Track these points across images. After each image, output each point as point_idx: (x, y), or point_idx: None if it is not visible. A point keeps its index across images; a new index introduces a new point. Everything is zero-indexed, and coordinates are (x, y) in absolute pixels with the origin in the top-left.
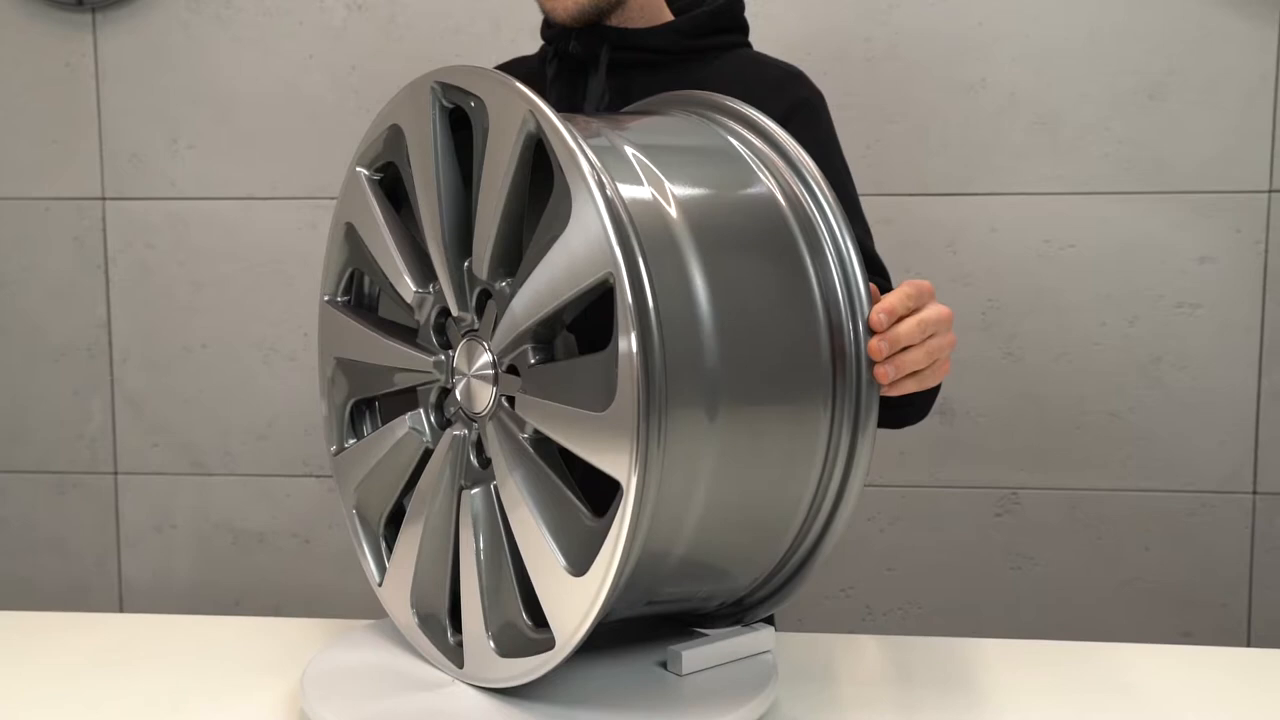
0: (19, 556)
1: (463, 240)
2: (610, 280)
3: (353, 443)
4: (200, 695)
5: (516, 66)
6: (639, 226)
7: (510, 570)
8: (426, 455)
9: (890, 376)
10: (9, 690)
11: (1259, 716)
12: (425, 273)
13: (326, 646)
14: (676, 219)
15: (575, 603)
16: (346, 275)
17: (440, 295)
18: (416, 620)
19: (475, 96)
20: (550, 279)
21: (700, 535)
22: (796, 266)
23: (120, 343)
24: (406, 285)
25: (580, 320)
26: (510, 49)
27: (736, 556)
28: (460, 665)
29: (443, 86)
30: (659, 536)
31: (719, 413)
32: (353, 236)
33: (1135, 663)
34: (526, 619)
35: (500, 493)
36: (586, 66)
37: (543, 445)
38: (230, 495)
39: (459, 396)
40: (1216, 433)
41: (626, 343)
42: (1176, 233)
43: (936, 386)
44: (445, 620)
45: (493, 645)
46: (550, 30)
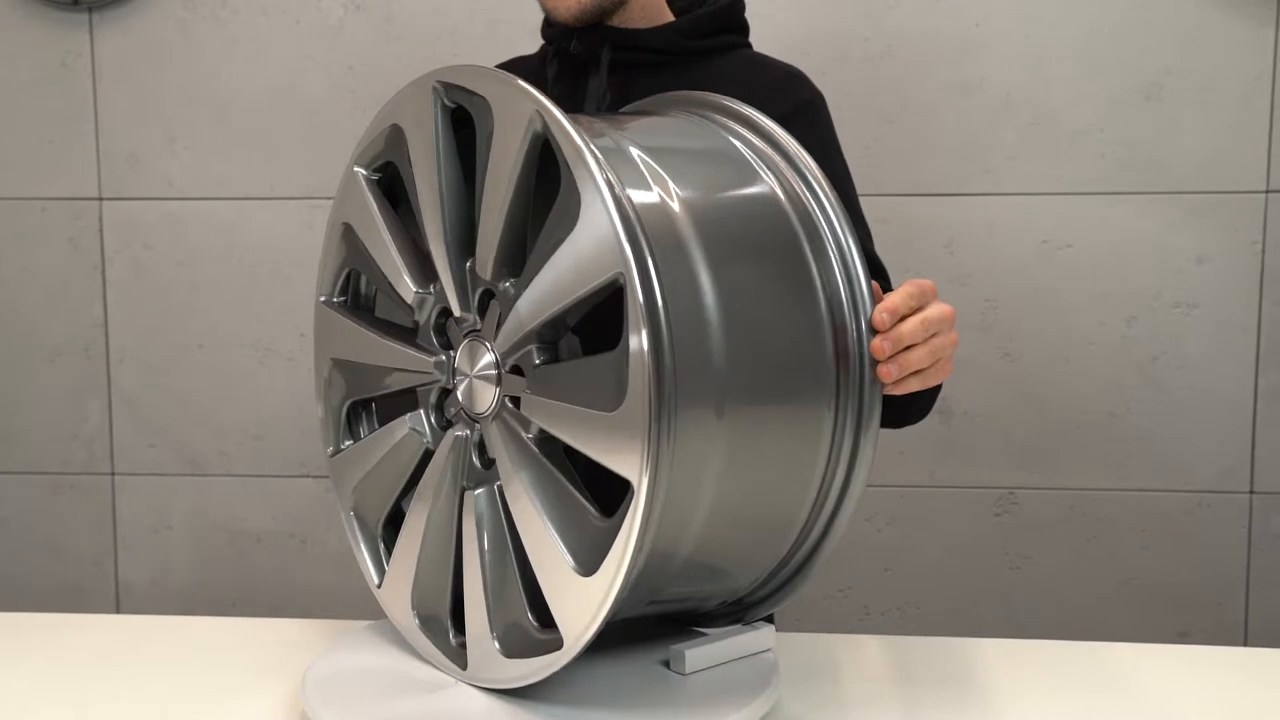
0: (15, 557)
1: (465, 240)
2: (620, 280)
3: (349, 444)
4: (199, 697)
5: (516, 66)
6: (647, 227)
7: (515, 571)
8: (426, 456)
9: (893, 376)
10: (5, 692)
11: (1257, 716)
12: (425, 273)
13: (326, 648)
14: (683, 219)
15: (584, 603)
16: (343, 276)
17: (441, 295)
18: (417, 621)
19: (479, 96)
20: (557, 279)
21: (706, 535)
22: (800, 267)
23: (117, 343)
24: (406, 285)
25: (581, 321)
26: (508, 49)
27: (740, 556)
28: (463, 666)
29: (445, 86)
30: (666, 536)
31: (726, 412)
32: (350, 237)
33: (1134, 662)
34: (532, 619)
35: (505, 493)
36: (587, 66)
37: (547, 445)
38: (227, 496)
39: (461, 397)
40: (1214, 432)
41: (638, 343)
42: (1173, 233)
43: (938, 386)
44: (447, 621)
45: (497, 646)
46: (551, 30)
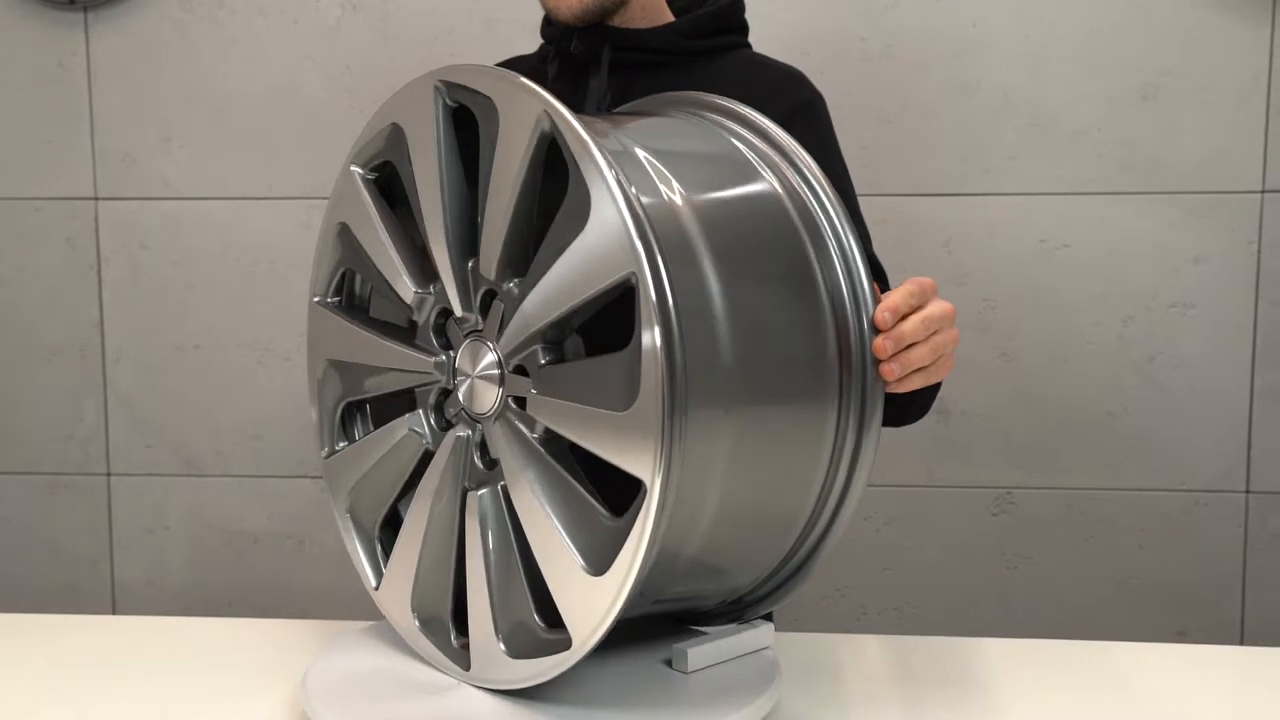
0: (11, 557)
1: (466, 240)
2: (632, 280)
3: (344, 445)
4: (199, 698)
5: (515, 66)
6: (656, 227)
7: (521, 571)
8: (425, 457)
9: (896, 374)
10: (6, 693)
11: (1255, 714)
12: (425, 273)
13: (325, 651)
14: (690, 220)
15: (594, 602)
16: (338, 276)
17: (441, 295)
18: (417, 623)
19: (484, 96)
20: (566, 279)
21: (712, 534)
22: (803, 265)
23: (113, 343)
24: (406, 285)
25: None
26: (505, 48)
27: (742, 555)
28: (466, 667)
29: (447, 85)
30: (675, 536)
31: (733, 411)
32: (346, 236)
33: (1132, 661)
34: (538, 620)
35: (511, 493)
36: (588, 66)
37: (553, 445)
38: (224, 496)
39: (462, 397)
40: (1210, 432)
41: (651, 342)
42: (1171, 233)
43: (937, 384)
44: (448, 622)
45: (503, 647)
46: (551, 29)
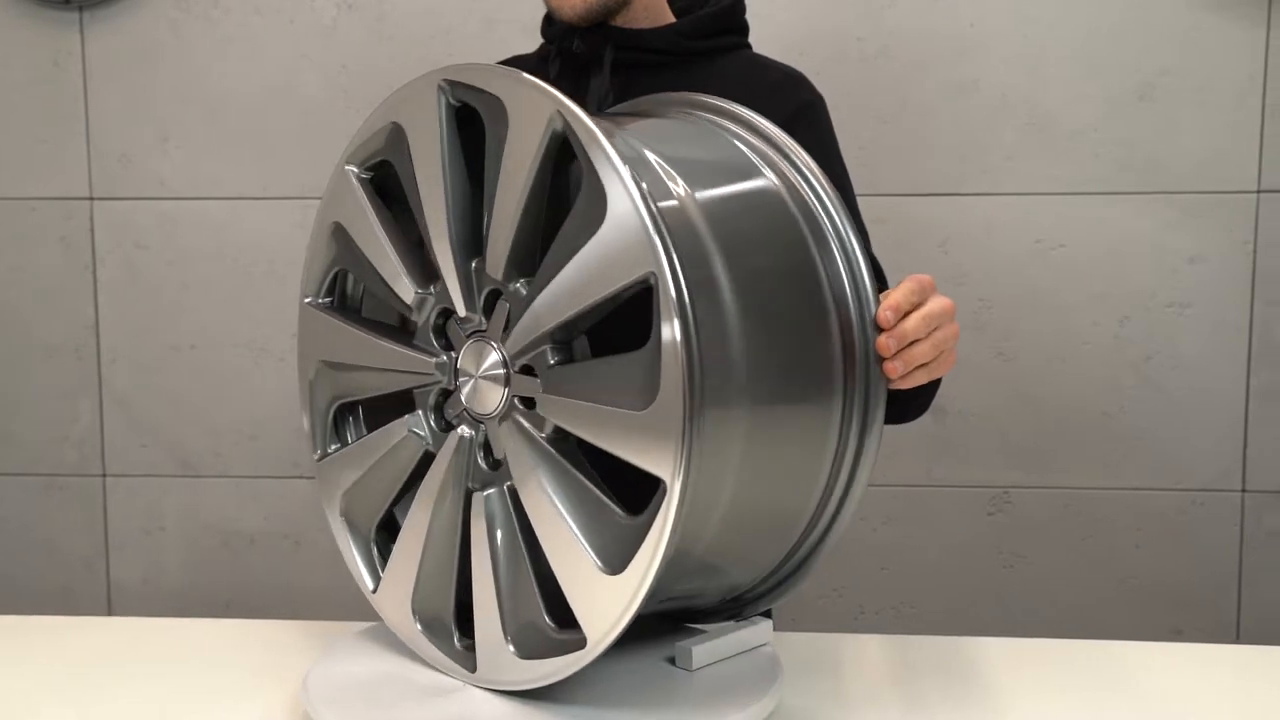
0: (6, 558)
1: (469, 240)
2: (651, 280)
3: (336, 448)
4: (197, 699)
5: (516, 65)
6: (670, 227)
7: (530, 572)
8: (424, 458)
9: (899, 372)
10: (7, 694)
11: (1251, 712)
12: (425, 273)
13: (324, 655)
14: (699, 219)
15: (610, 601)
16: (330, 276)
17: (442, 296)
18: (419, 625)
19: (491, 95)
20: (580, 279)
21: (721, 532)
22: (808, 264)
23: (108, 343)
24: (406, 286)
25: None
26: (502, 48)
27: (747, 553)
28: (471, 669)
29: (451, 84)
30: (689, 535)
31: (746, 410)
32: (341, 236)
33: (1129, 660)
34: (549, 620)
35: (520, 493)
36: (589, 66)
37: (562, 445)
38: (220, 497)
39: (465, 398)
40: (1207, 431)
41: (672, 342)
42: (1167, 233)
43: (936, 381)
44: (451, 624)
45: (512, 648)
46: (552, 29)
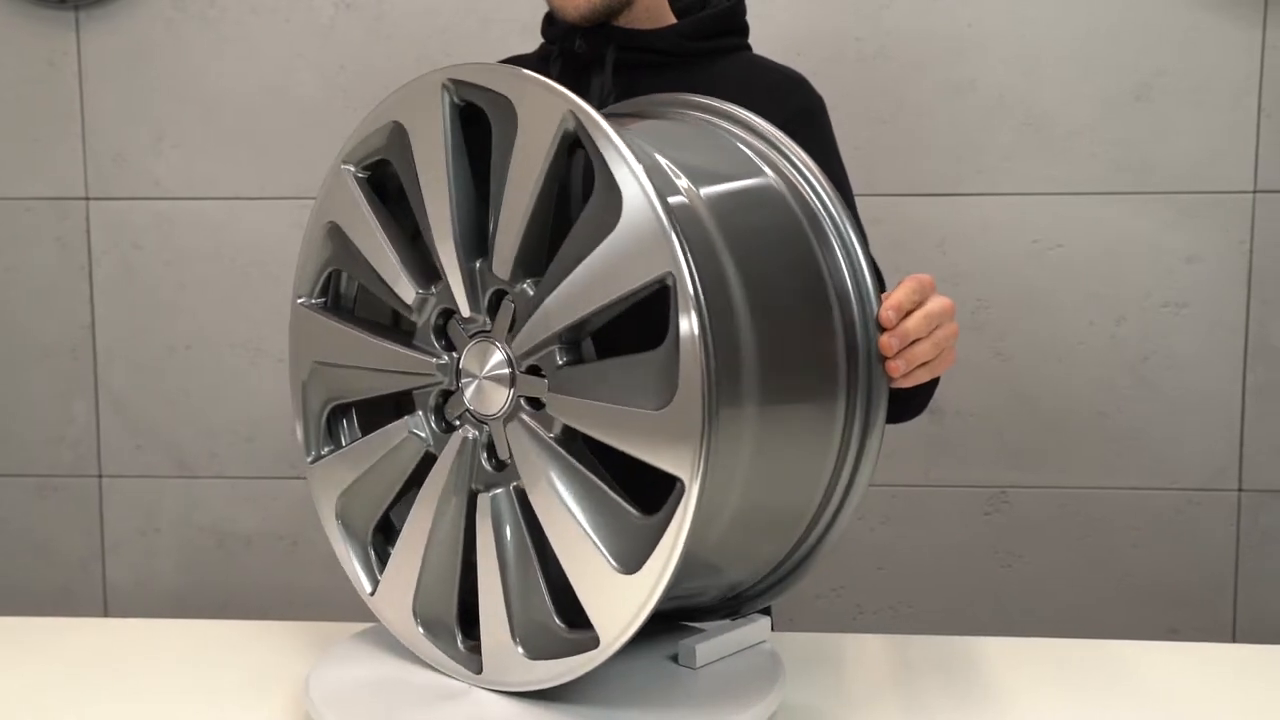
0: (1, 560)
1: (473, 240)
2: (668, 281)
3: (329, 450)
4: (196, 701)
5: (517, 64)
6: (683, 228)
7: (538, 572)
8: (424, 460)
9: (901, 370)
10: (7, 695)
11: (1248, 710)
12: (425, 273)
13: (324, 657)
14: (709, 221)
15: (625, 601)
16: (324, 276)
17: (444, 296)
18: (420, 627)
19: (498, 95)
20: (594, 279)
21: (728, 532)
22: (812, 263)
23: (104, 344)
24: (407, 286)
25: None
26: (500, 47)
27: (750, 551)
28: (477, 671)
29: (456, 84)
30: (699, 534)
31: (755, 409)
32: (337, 236)
33: (1127, 659)
34: (558, 620)
35: (529, 494)
36: (591, 66)
37: (570, 445)
38: (216, 497)
39: (469, 399)
40: (1203, 431)
41: (692, 343)
42: (1164, 233)
43: (935, 380)
44: (454, 626)
45: (521, 649)
46: (554, 29)
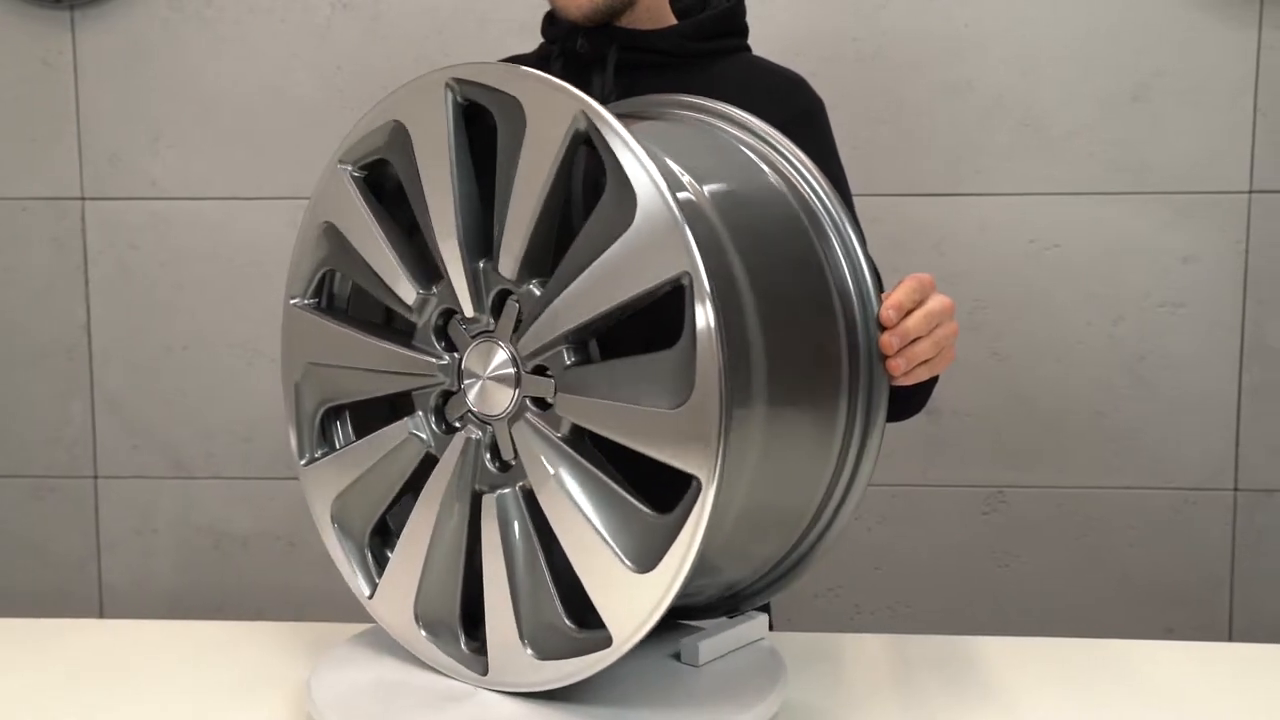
0: None
1: (477, 240)
2: (684, 280)
3: (323, 452)
4: (195, 701)
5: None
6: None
7: (546, 573)
8: (425, 460)
9: (902, 369)
10: (7, 696)
11: (1245, 709)
12: (425, 273)
13: (324, 660)
14: (717, 222)
15: (640, 600)
16: (318, 276)
17: (446, 296)
18: (423, 630)
19: (505, 94)
20: (608, 279)
21: (734, 530)
22: (815, 265)
23: (100, 344)
24: (407, 286)
25: None
26: (497, 47)
27: (752, 550)
28: (481, 672)
29: (460, 83)
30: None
31: (763, 408)
32: (333, 236)
33: (1126, 658)
34: (568, 620)
35: (537, 494)
36: (592, 66)
37: (578, 445)
38: (213, 498)
39: (472, 399)
40: (1199, 430)
41: (710, 342)
42: (1161, 233)
43: (934, 379)
44: (457, 627)
45: (530, 650)
46: (554, 29)
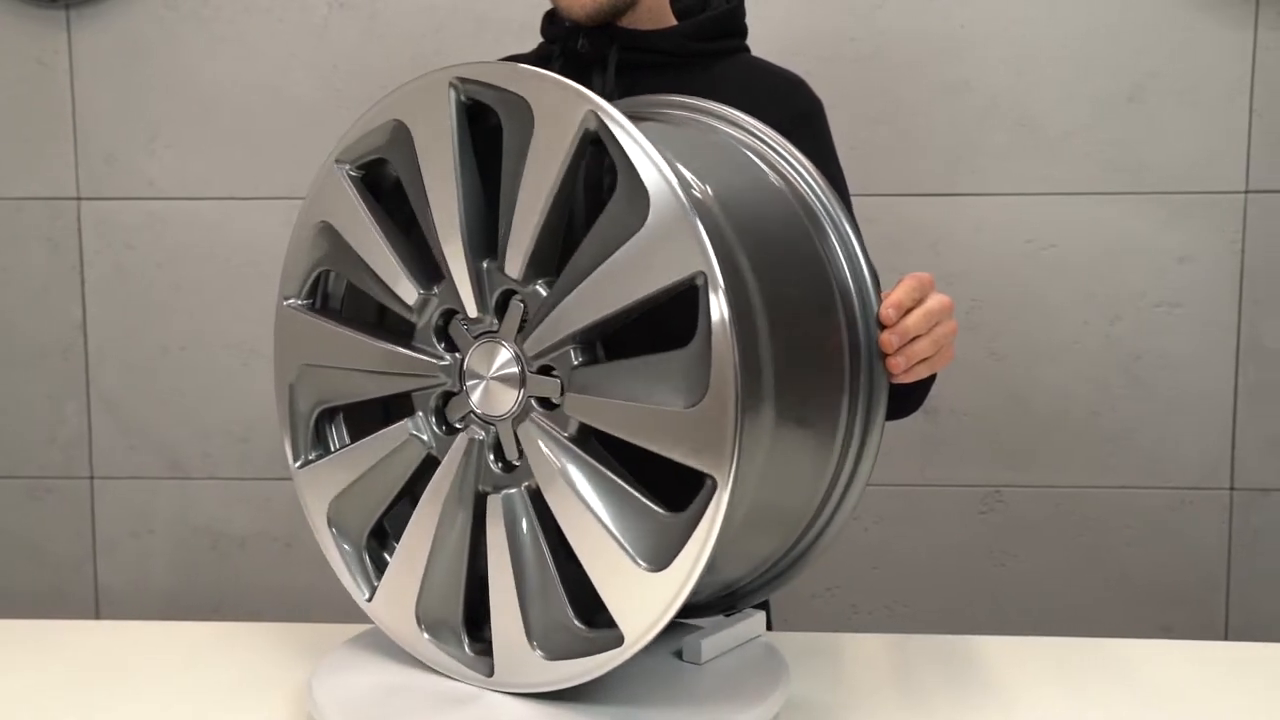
0: None
1: (480, 240)
2: (699, 280)
3: (318, 454)
4: (189, 704)
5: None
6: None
7: (554, 573)
8: (425, 462)
9: (902, 367)
10: (7, 697)
11: (1242, 708)
12: (426, 273)
13: (324, 662)
14: (724, 221)
15: (652, 599)
16: (313, 277)
17: (448, 296)
18: (425, 632)
19: (512, 94)
20: (620, 278)
21: (739, 529)
22: (817, 264)
23: (96, 345)
24: (408, 286)
25: None
26: (495, 47)
27: (753, 549)
28: (486, 673)
29: (464, 82)
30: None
31: (771, 408)
32: (330, 235)
33: (1123, 657)
34: (577, 620)
35: (545, 494)
36: (592, 66)
37: (584, 445)
38: (210, 499)
39: (475, 399)
40: (1195, 429)
41: (726, 342)
42: (1157, 233)
43: (932, 378)
44: (460, 629)
45: (538, 650)
46: (554, 28)
